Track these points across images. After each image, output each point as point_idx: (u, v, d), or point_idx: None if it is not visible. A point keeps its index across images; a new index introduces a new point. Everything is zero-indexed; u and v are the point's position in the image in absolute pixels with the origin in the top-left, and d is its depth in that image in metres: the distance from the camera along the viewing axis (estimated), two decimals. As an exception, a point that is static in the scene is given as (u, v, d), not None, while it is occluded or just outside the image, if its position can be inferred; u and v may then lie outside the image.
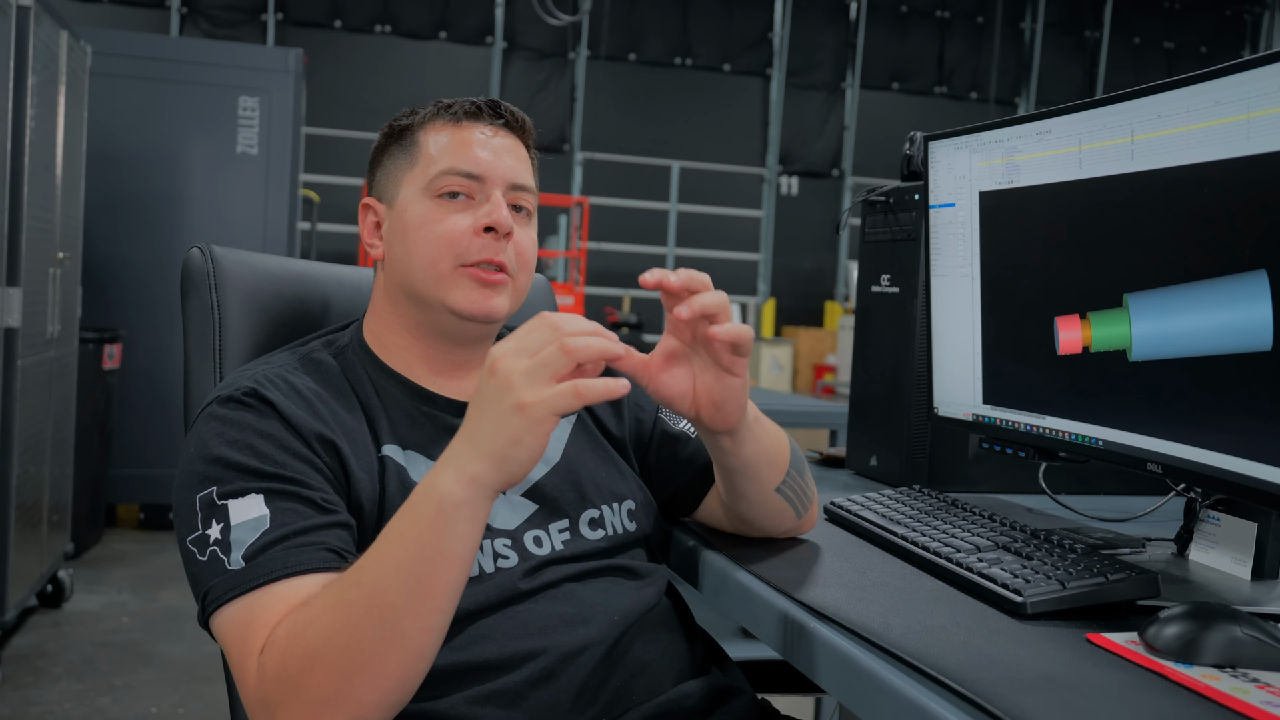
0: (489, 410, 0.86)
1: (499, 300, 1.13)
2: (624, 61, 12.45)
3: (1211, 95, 1.01)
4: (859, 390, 1.77)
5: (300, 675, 0.87)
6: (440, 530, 0.87)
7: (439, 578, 0.88)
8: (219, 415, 1.03)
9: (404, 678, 0.89)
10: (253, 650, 0.91)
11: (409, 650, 0.88)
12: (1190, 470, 1.05)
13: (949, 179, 1.42)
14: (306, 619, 0.89)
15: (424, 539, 0.87)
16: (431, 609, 0.88)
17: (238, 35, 11.05)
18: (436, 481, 0.88)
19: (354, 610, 0.87)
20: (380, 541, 0.90)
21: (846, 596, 1.01)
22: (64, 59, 3.45)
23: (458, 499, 0.87)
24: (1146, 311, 1.10)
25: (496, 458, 0.86)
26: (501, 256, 1.13)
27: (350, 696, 0.87)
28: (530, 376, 0.85)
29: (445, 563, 0.88)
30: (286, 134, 4.79)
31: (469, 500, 0.87)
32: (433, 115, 1.17)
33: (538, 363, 0.85)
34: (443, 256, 1.12)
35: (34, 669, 3.05)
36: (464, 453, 0.87)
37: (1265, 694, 0.78)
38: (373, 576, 0.88)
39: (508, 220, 1.12)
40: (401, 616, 0.87)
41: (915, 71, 13.24)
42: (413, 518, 0.88)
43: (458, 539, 0.87)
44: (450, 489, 0.87)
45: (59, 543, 3.66)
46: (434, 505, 0.87)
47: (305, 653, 0.87)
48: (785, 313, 13.01)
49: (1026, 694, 0.77)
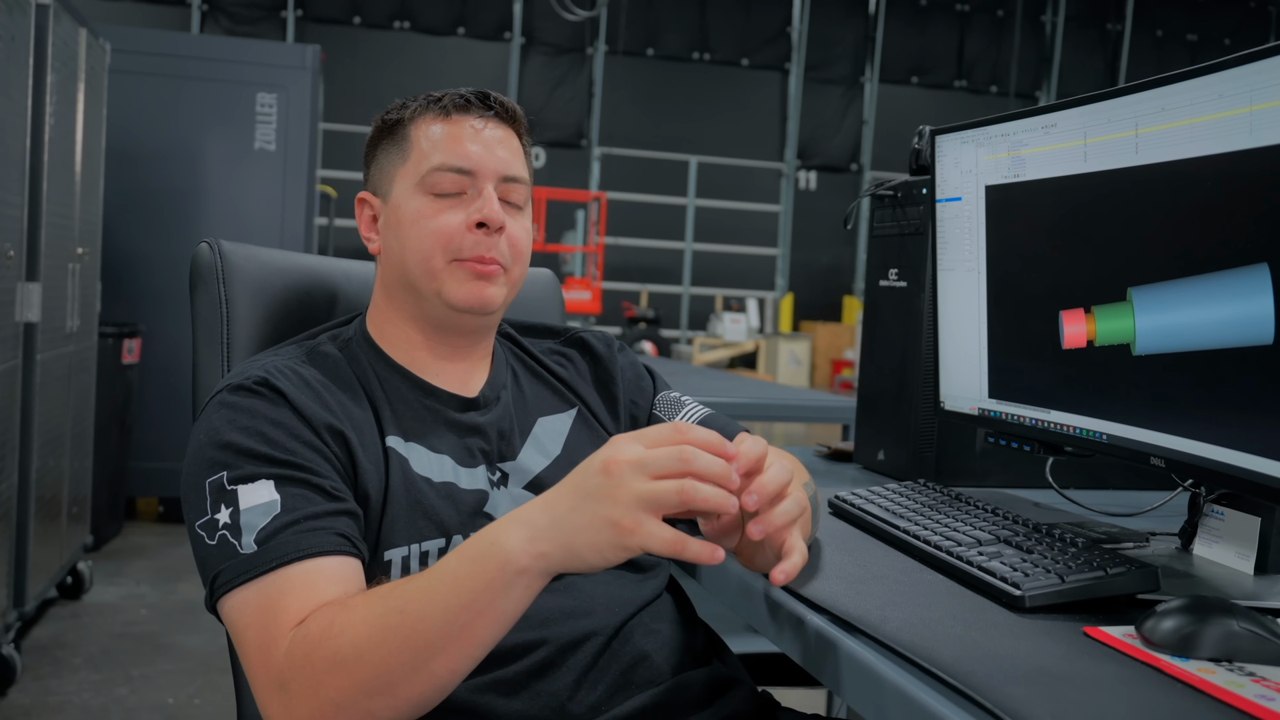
0: (586, 505, 0.82)
1: (493, 290, 1.14)
2: (642, 56, 12.46)
3: (1215, 88, 1.00)
4: (867, 385, 1.77)
5: (323, 675, 0.87)
6: (497, 589, 0.85)
7: (482, 631, 0.86)
8: (230, 403, 1.04)
9: (421, 704, 0.89)
10: (275, 632, 0.91)
11: (433, 685, 0.88)
12: (1193, 464, 1.05)
13: (955, 173, 1.41)
14: (343, 624, 0.88)
15: (478, 592, 0.85)
16: (465, 655, 0.87)
17: (258, 32, 11.12)
18: (506, 540, 0.85)
19: (391, 635, 0.86)
20: (434, 576, 0.88)
21: (845, 589, 1.02)
22: (83, 56, 3.48)
23: (521, 566, 0.84)
24: (1150, 305, 1.10)
25: (573, 551, 0.83)
26: (493, 252, 1.13)
27: (365, 708, 0.87)
28: (641, 502, 0.81)
29: (492, 619, 0.86)
30: (304, 130, 4.82)
31: (531, 570, 0.85)
32: (423, 108, 1.17)
33: (653, 494, 0.80)
34: (436, 252, 1.13)
35: (53, 659, 3.09)
36: (543, 527, 0.84)
37: (1260, 687, 0.78)
38: (418, 608, 0.87)
39: (499, 216, 1.13)
40: (436, 654, 0.86)
41: (935, 65, 13.20)
42: (473, 568, 0.86)
43: (512, 601, 0.86)
44: (517, 555, 0.84)
45: (78, 535, 3.70)
46: (497, 563, 0.85)
47: (334, 657, 0.87)
48: (803, 307, 12.99)
49: (1019, 686, 0.77)
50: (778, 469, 0.89)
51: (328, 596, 0.92)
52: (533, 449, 1.18)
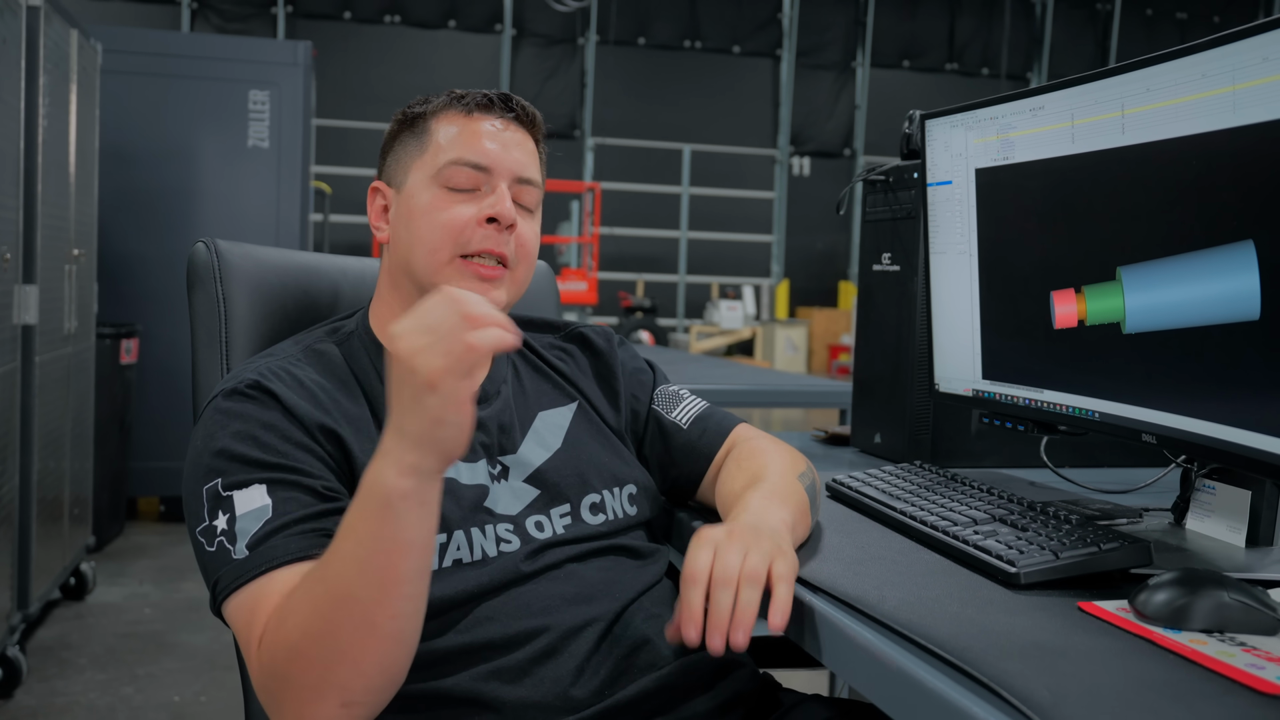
0: (404, 395, 0.85)
1: (496, 294, 1.15)
2: (633, 46, 12.44)
3: (1198, 68, 1.01)
4: (862, 368, 1.79)
5: (286, 665, 0.90)
6: (390, 521, 0.86)
7: (398, 566, 0.88)
8: (223, 409, 1.06)
9: (385, 663, 0.90)
10: (255, 636, 0.94)
11: (385, 637, 0.89)
12: (1184, 440, 1.06)
13: (946, 157, 1.42)
14: (285, 612, 0.91)
15: (376, 531, 0.87)
16: (398, 596, 0.89)
17: (248, 29, 11.09)
18: (379, 475, 0.87)
19: (322, 604, 0.88)
20: (338, 536, 0.90)
21: (843, 570, 1.03)
22: (75, 57, 3.48)
23: (403, 490, 0.86)
24: (1139, 284, 1.11)
25: (426, 440, 0.85)
26: (503, 248, 1.15)
27: (334, 683, 0.89)
28: (431, 352, 0.83)
29: (401, 551, 0.87)
30: (297, 126, 4.82)
31: (414, 489, 0.86)
32: (445, 105, 1.19)
33: (438, 337, 0.83)
34: (444, 245, 1.14)
35: (58, 660, 3.10)
36: (395, 443, 0.86)
37: (1251, 657, 0.79)
38: (335, 570, 0.89)
39: (511, 212, 1.14)
40: (369, 607, 0.88)
41: (926, 49, 13.19)
42: (363, 512, 0.88)
43: (411, 526, 0.87)
44: (393, 481, 0.86)
45: (80, 536, 3.71)
46: (379, 499, 0.87)
47: (286, 645, 0.90)
48: (799, 293, 13.00)
49: (1015, 661, 0.78)
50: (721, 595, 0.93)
51: None
52: (533, 442, 1.20)
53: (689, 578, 0.94)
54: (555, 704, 1.02)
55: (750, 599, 0.93)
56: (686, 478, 1.29)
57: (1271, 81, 0.92)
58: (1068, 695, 0.72)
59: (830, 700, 1.14)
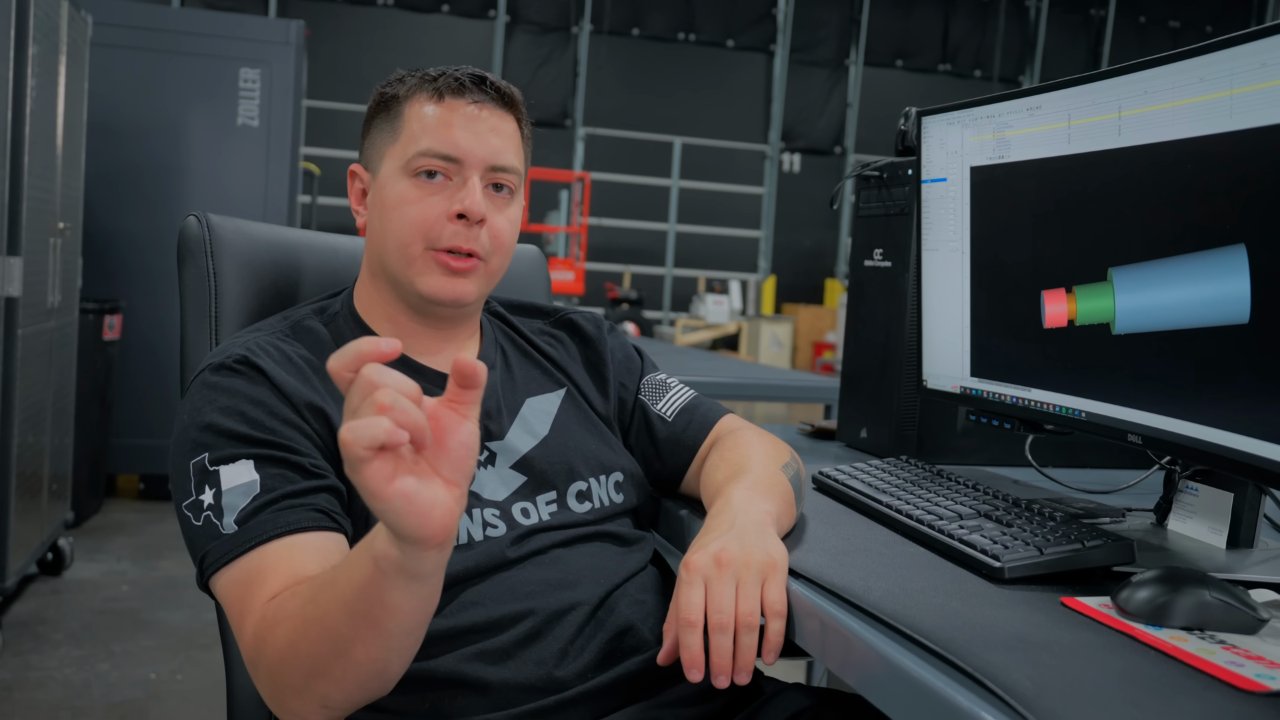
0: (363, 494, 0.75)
1: (467, 286, 1.15)
2: (627, 36, 12.41)
3: (1196, 72, 1.02)
4: (850, 363, 1.79)
5: (274, 663, 0.90)
6: (378, 583, 0.81)
7: (382, 622, 0.84)
8: (211, 383, 1.05)
9: (364, 685, 0.89)
10: (250, 608, 0.93)
11: (362, 670, 0.87)
12: (1169, 441, 1.07)
13: (941, 154, 1.43)
14: (278, 617, 0.90)
15: (365, 587, 0.82)
16: (381, 645, 0.86)
17: (240, 6, 11.01)
18: (373, 533, 0.81)
19: (310, 626, 0.87)
20: (338, 568, 0.87)
21: (829, 561, 1.03)
22: (65, 29, 3.45)
23: (390, 556, 0.79)
24: (1130, 285, 1.11)
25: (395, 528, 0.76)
26: (472, 244, 1.13)
27: (314, 691, 0.89)
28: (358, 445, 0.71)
29: (388, 612, 0.83)
30: (287, 106, 4.79)
31: (399, 560, 0.79)
32: (417, 86, 1.17)
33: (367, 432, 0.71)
34: (415, 240, 1.13)
35: (34, 635, 3.08)
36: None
37: (1230, 654, 0.80)
38: (326, 598, 0.86)
39: (480, 208, 1.12)
40: (351, 643, 0.85)
41: (919, 49, 13.19)
42: (355, 559, 0.84)
43: (397, 591, 0.82)
44: (381, 546, 0.80)
45: (59, 511, 3.69)
46: (368, 556, 0.81)
47: (275, 648, 0.90)
48: (786, 290, 13.01)
49: (999, 653, 0.79)
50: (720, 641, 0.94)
51: (307, 571, 0.93)
52: (520, 429, 1.19)
53: (685, 622, 0.95)
54: (540, 685, 1.02)
55: (749, 644, 0.95)
56: (671, 471, 1.29)
57: (1269, 87, 0.93)
58: (1050, 687, 0.73)
59: (810, 689, 1.15)
